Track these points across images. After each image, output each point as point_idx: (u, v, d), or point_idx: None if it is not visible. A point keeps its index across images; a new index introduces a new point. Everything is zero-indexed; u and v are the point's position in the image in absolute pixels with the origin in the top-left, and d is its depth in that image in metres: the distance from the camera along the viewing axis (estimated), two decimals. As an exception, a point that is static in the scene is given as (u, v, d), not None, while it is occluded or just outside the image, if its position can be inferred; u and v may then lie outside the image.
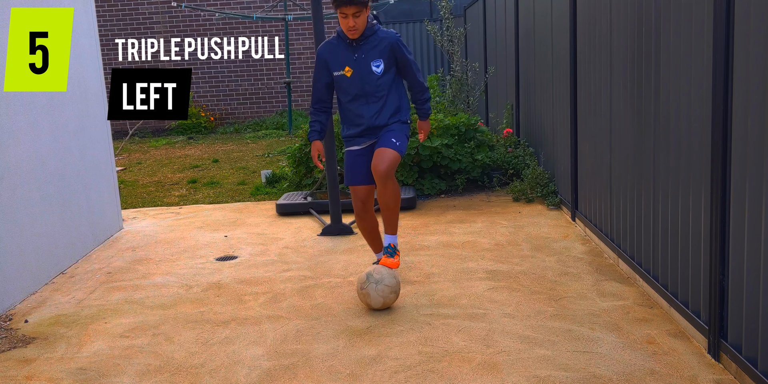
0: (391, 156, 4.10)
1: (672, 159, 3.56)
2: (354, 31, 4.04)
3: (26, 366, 3.49)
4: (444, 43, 9.94)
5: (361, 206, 4.32)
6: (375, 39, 4.13)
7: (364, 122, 4.21)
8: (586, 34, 5.08)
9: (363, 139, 4.27)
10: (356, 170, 4.26)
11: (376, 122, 4.19)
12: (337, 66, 4.18)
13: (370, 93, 4.15)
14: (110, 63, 15.38)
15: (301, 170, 7.44)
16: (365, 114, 4.19)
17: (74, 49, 5.60)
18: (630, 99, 4.18)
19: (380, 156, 4.10)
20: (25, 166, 4.65)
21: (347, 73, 4.15)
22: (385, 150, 4.12)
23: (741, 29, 2.81)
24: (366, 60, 4.12)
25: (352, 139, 4.30)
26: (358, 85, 4.15)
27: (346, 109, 4.26)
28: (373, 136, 4.25)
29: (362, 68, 4.13)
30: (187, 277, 4.81)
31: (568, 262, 4.67)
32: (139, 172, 9.85)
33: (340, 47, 4.18)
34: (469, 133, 7.18)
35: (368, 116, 4.19)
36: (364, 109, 4.19)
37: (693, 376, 3.01)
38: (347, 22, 4.00)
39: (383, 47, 4.12)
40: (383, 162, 4.07)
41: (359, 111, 4.20)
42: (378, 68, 4.12)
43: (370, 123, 4.20)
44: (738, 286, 2.91)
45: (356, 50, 4.13)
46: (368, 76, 4.13)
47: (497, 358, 3.28)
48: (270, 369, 3.30)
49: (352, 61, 4.14)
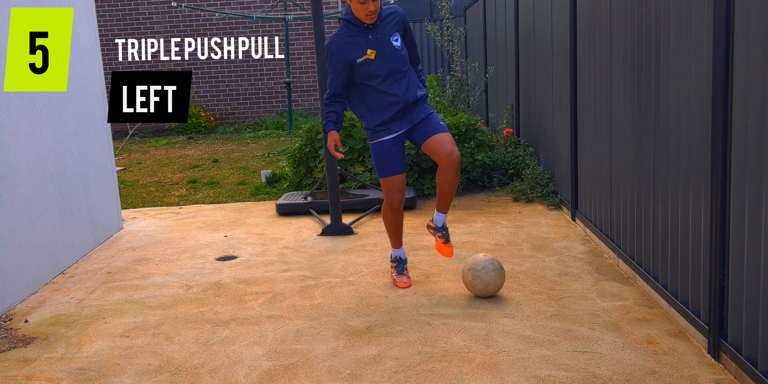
0: (452, 139, 4.17)
1: (672, 159, 3.56)
2: (373, 16, 4.03)
3: (26, 366, 3.49)
4: (444, 43, 9.94)
5: (399, 198, 4.26)
6: (385, 15, 4.15)
7: (400, 100, 4.14)
8: (586, 34, 5.08)
9: (398, 124, 4.18)
10: (393, 160, 4.22)
11: (409, 98, 4.16)
12: (357, 53, 4.09)
13: (398, 69, 4.13)
14: (110, 63, 15.38)
15: (301, 170, 7.44)
16: (398, 92, 4.14)
17: (74, 49, 5.60)
18: (630, 99, 4.18)
19: (447, 142, 4.13)
20: (25, 166, 4.65)
21: (371, 55, 4.09)
22: (445, 135, 4.15)
23: (741, 29, 2.81)
24: (385, 37, 4.11)
25: (387, 125, 4.18)
26: (384, 64, 4.10)
27: (378, 93, 4.15)
28: (407, 117, 4.18)
29: (384, 46, 4.10)
30: (187, 277, 4.81)
31: (568, 262, 4.67)
32: (139, 172, 9.85)
33: (352, 34, 4.11)
34: (469, 133, 7.18)
35: (401, 93, 4.14)
36: (396, 88, 4.14)
37: (693, 376, 3.01)
38: (367, 7, 3.97)
39: (395, 22, 4.15)
40: (454, 147, 4.12)
41: (392, 90, 4.13)
42: (397, 42, 4.14)
43: (405, 100, 4.14)
44: (738, 286, 2.91)
45: (370, 32, 4.10)
46: (392, 53, 4.11)
47: (497, 358, 3.28)
48: (270, 369, 3.30)
49: (371, 42, 4.09)
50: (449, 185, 4.20)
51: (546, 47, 6.46)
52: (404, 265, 4.49)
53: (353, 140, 7.13)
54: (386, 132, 4.19)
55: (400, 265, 4.48)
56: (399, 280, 4.42)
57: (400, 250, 4.50)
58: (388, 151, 4.20)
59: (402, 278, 4.42)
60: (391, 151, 4.21)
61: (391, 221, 4.38)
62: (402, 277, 4.43)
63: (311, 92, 15.59)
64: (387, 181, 4.24)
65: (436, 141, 4.12)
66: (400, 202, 4.29)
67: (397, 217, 4.36)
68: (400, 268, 4.47)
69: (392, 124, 4.18)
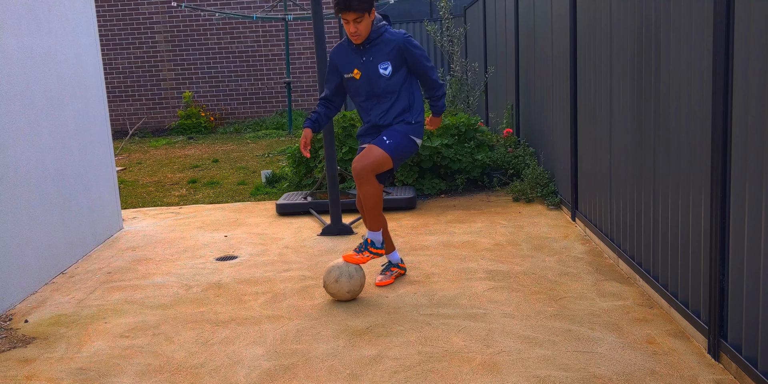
0: (373, 154, 4.06)
1: (672, 159, 3.56)
2: (357, 37, 4.06)
3: (26, 366, 3.49)
4: (444, 43, 9.94)
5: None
6: (381, 41, 4.12)
7: (370, 120, 4.26)
8: (586, 34, 5.08)
9: (367, 138, 4.32)
10: None
11: (380, 121, 4.21)
12: (347, 69, 4.21)
13: (380, 94, 4.17)
14: (110, 63, 15.38)
15: (301, 170, 7.44)
16: (373, 114, 4.24)
17: (74, 49, 5.61)
18: (630, 99, 4.18)
19: (362, 153, 4.12)
20: (25, 166, 4.65)
21: (356, 75, 4.18)
22: (371, 147, 4.12)
23: (741, 29, 2.81)
24: (373, 63, 4.13)
25: (360, 137, 4.38)
26: (366, 87, 4.18)
27: (360, 109, 4.34)
28: (375, 136, 4.27)
29: (370, 71, 4.14)
30: (187, 277, 4.81)
31: (568, 262, 4.67)
32: (139, 172, 9.85)
33: (348, 50, 4.21)
34: (469, 133, 7.18)
35: (374, 115, 4.23)
36: (374, 109, 4.23)
37: (693, 376, 3.01)
38: (349, 27, 4.03)
39: (390, 49, 4.11)
40: (361, 159, 4.06)
41: (370, 110, 4.26)
42: (386, 70, 4.12)
43: (374, 122, 4.24)
44: (738, 286, 2.91)
45: (364, 53, 4.15)
46: (376, 79, 4.14)
47: (497, 358, 3.28)
48: (270, 369, 3.30)
49: (360, 64, 4.16)
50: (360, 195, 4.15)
51: (546, 47, 6.46)
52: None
53: (353, 140, 7.13)
54: (360, 141, 4.40)
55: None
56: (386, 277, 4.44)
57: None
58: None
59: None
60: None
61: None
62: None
63: (311, 92, 15.59)
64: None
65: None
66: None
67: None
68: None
69: (363, 137, 4.37)
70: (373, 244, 4.21)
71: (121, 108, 15.58)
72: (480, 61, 10.93)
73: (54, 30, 5.27)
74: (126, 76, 15.50)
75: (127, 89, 15.57)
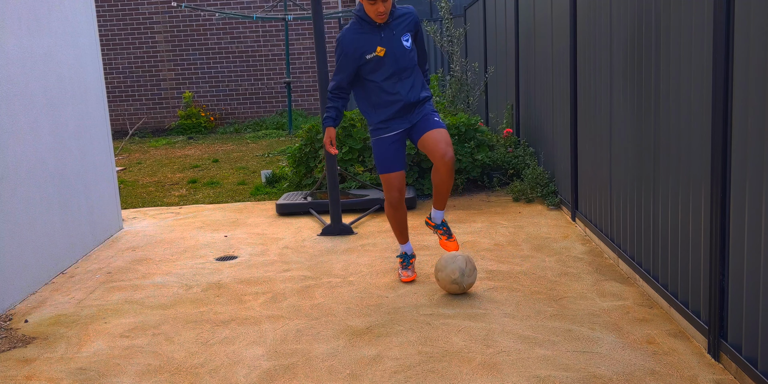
0: (448, 136, 4.20)
1: (672, 159, 3.56)
2: (384, 16, 4.09)
3: (26, 366, 3.49)
4: (444, 43, 9.94)
5: (398, 196, 4.31)
6: (398, 15, 4.21)
7: (401, 99, 4.21)
8: (586, 34, 5.08)
9: (398, 123, 4.25)
10: (392, 157, 4.27)
11: (411, 98, 4.22)
12: (368, 49, 4.16)
13: (405, 68, 4.20)
14: (110, 63, 15.38)
15: (301, 170, 7.44)
16: (401, 90, 4.20)
17: (74, 49, 5.61)
18: (630, 99, 4.18)
19: (441, 142, 4.14)
20: (25, 166, 4.66)
21: (380, 53, 4.15)
22: (440, 133, 4.18)
23: (741, 29, 2.81)
24: (396, 36, 4.18)
25: (387, 123, 4.25)
26: (392, 63, 4.17)
27: (379, 91, 4.21)
28: (407, 117, 4.25)
29: (394, 45, 4.17)
30: (187, 277, 4.81)
31: (568, 262, 4.67)
32: (139, 172, 9.85)
33: (364, 31, 4.17)
34: (469, 133, 7.18)
35: (404, 93, 4.21)
36: (399, 86, 4.21)
37: (693, 376, 3.01)
38: (377, 8, 4.03)
39: (408, 22, 4.22)
40: (448, 145, 4.14)
41: (394, 89, 4.20)
42: (408, 42, 4.20)
43: (406, 99, 4.21)
44: (738, 286, 2.91)
45: (382, 30, 4.17)
46: (402, 52, 4.18)
47: (497, 358, 3.28)
48: (270, 369, 3.30)
49: (380, 40, 4.16)
50: (444, 184, 4.26)
51: (546, 47, 6.46)
52: (410, 259, 4.54)
53: (353, 140, 7.13)
54: (387, 130, 4.26)
55: (405, 260, 4.54)
56: (403, 275, 4.49)
57: (406, 245, 4.55)
58: (388, 148, 4.26)
59: (405, 272, 4.49)
60: (391, 149, 4.26)
61: (393, 218, 4.43)
62: (406, 272, 4.49)
63: (311, 92, 15.59)
64: (386, 178, 4.30)
65: (432, 139, 4.16)
66: (399, 199, 4.32)
67: (398, 214, 4.39)
68: (405, 263, 4.52)
69: (393, 122, 4.25)
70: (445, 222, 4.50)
71: (121, 108, 15.58)
72: (480, 61, 10.93)
73: (54, 30, 5.27)
74: (126, 76, 15.50)
75: (127, 89, 15.57)
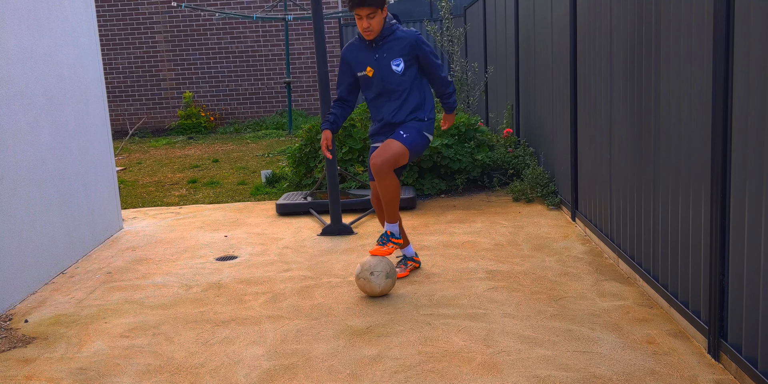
0: (393, 148, 4.15)
1: (672, 159, 3.56)
2: (369, 32, 4.14)
3: (26, 366, 3.49)
4: (444, 43, 9.94)
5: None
6: (394, 38, 4.21)
7: (383, 118, 4.33)
8: (586, 34, 5.08)
9: (380, 137, 4.40)
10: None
11: (394, 119, 4.29)
12: (360, 66, 4.29)
13: (392, 91, 4.24)
14: (110, 63, 15.38)
15: (301, 170, 7.44)
16: (384, 111, 4.31)
17: (74, 49, 5.61)
18: (630, 99, 4.18)
19: (381, 148, 4.20)
20: (25, 166, 4.66)
21: (369, 73, 4.26)
22: (389, 141, 4.21)
23: (741, 29, 2.81)
24: (386, 59, 4.21)
25: (373, 136, 4.45)
26: (379, 84, 4.25)
27: (371, 106, 4.40)
28: (388, 135, 4.36)
29: (383, 68, 4.22)
30: (187, 277, 4.81)
31: (568, 262, 4.67)
32: (139, 172, 9.85)
33: (361, 48, 4.29)
34: (469, 133, 7.18)
35: (387, 113, 4.30)
36: (386, 106, 4.30)
37: (693, 376, 3.01)
38: (362, 23, 4.10)
39: (403, 46, 4.20)
40: (381, 154, 4.14)
41: (381, 108, 4.33)
42: (398, 67, 4.20)
43: (387, 119, 4.31)
44: (738, 286, 2.91)
45: (376, 50, 4.23)
46: (389, 76, 4.22)
47: (497, 358, 3.28)
48: (270, 369, 3.30)
49: (372, 61, 4.24)
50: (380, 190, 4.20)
51: (546, 47, 6.46)
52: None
53: (353, 140, 7.13)
54: (373, 140, 4.48)
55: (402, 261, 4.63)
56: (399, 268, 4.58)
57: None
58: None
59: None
60: None
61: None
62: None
63: (311, 92, 15.60)
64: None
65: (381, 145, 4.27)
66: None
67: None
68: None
69: (377, 136, 4.45)
70: (393, 235, 4.33)
71: (121, 108, 15.58)
72: (480, 61, 10.93)
73: (54, 30, 5.27)
74: (126, 76, 15.50)
75: (127, 89, 15.57)
